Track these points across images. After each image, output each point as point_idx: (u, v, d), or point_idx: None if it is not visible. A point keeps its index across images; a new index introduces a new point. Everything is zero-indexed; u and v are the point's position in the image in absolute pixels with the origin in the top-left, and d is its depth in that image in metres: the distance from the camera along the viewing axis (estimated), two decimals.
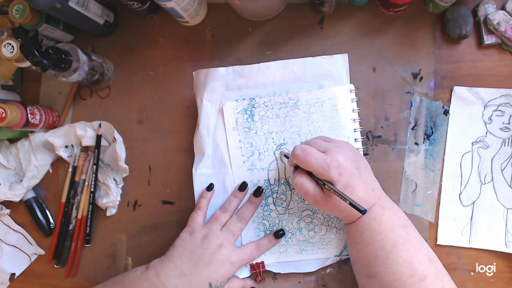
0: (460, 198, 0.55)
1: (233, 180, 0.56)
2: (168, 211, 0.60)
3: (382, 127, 0.57)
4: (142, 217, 0.60)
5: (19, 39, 0.52)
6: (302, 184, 0.48)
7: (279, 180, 0.56)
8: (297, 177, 0.48)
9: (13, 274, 0.62)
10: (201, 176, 0.57)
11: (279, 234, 0.55)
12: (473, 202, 0.55)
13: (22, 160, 0.60)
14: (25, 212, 0.62)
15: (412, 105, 0.57)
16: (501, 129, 0.55)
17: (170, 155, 0.60)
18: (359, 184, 0.46)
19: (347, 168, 0.45)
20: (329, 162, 0.45)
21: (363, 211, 0.43)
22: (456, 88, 0.56)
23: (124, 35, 0.63)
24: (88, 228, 0.60)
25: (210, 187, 0.56)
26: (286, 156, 0.55)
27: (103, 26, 0.60)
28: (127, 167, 0.60)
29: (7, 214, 0.62)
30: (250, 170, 0.56)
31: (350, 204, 0.43)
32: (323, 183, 0.46)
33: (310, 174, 0.48)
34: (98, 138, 0.60)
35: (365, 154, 0.56)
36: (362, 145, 0.55)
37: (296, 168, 0.50)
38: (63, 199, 0.61)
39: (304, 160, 0.46)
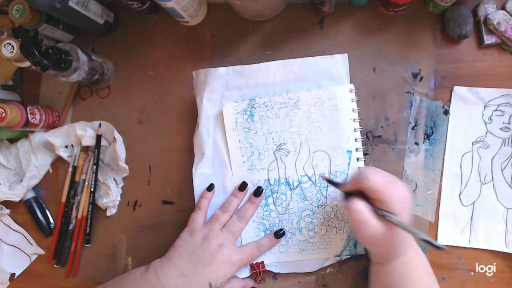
0: (460, 198, 0.55)
1: (233, 180, 0.56)
2: (168, 211, 0.60)
3: (382, 127, 0.57)
4: (142, 217, 0.60)
5: (19, 39, 0.52)
6: (362, 212, 0.43)
7: (279, 180, 0.56)
8: (356, 203, 0.43)
9: (13, 274, 0.62)
10: (201, 176, 0.57)
11: (279, 234, 0.55)
12: (473, 202, 0.55)
13: (22, 160, 0.60)
14: (25, 212, 0.62)
15: (412, 105, 0.57)
16: (501, 129, 0.55)
17: (170, 155, 0.60)
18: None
19: (408, 203, 0.43)
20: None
21: (441, 248, 0.39)
22: (456, 88, 0.56)
23: (124, 35, 0.63)
24: (88, 228, 0.60)
25: (210, 187, 0.56)
26: (329, 181, 0.50)
27: (103, 26, 0.60)
28: (127, 167, 0.60)
29: (7, 214, 0.62)
30: (250, 170, 0.56)
31: (423, 240, 0.40)
32: (385, 215, 0.42)
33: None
34: (98, 138, 0.60)
35: (365, 154, 0.56)
36: (362, 145, 0.55)
37: (347, 194, 0.46)
38: (63, 199, 0.61)
39: (383, 188, 0.42)
